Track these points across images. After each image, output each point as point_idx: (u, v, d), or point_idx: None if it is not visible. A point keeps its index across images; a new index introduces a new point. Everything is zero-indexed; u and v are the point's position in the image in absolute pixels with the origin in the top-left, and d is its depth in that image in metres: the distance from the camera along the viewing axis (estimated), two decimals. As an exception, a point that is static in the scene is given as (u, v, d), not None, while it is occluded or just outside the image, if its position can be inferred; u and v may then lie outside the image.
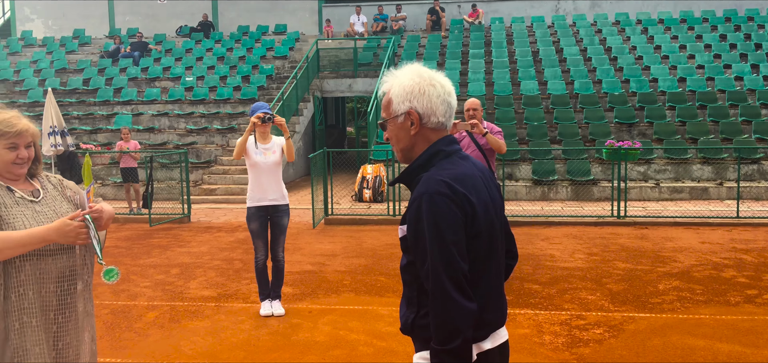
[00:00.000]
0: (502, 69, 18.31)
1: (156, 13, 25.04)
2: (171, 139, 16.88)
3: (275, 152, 5.93)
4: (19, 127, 2.60)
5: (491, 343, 2.07)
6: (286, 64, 20.76)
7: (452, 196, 1.94)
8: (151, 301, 6.65)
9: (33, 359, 2.52)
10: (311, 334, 5.60)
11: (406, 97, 2.09)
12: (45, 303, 2.56)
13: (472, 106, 6.87)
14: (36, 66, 21.52)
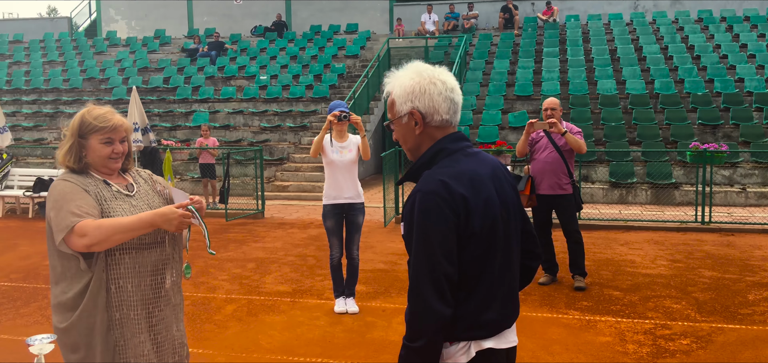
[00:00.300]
0: (578, 68, 17.84)
1: (232, 14, 25.70)
2: (245, 137, 17.26)
3: (351, 150, 5.94)
4: (114, 122, 2.66)
5: (495, 343, 2.05)
6: (357, 62, 20.89)
7: (445, 196, 1.93)
8: (229, 295, 6.80)
9: (133, 350, 2.58)
10: (385, 333, 5.59)
11: (408, 98, 2.07)
12: (143, 296, 2.62)
13: (551, 105, 6.70)
14: (120, 65, 22.43)
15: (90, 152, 2.64)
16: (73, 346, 2.56)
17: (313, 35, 23.35)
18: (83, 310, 2.53)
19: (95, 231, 2.41)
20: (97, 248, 2.44)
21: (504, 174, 2.17)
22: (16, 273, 7.85)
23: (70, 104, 19.96)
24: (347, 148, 5.96)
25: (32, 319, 6.08)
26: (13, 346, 5.35)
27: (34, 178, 12.72)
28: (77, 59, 23.41)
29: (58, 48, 24.79)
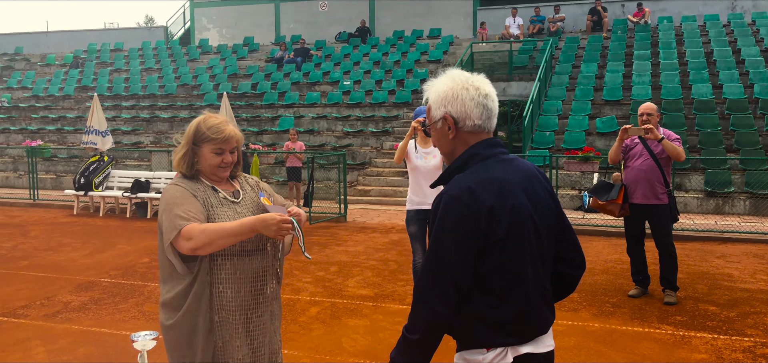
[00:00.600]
0: (671, 71, 17.11)
1: (318, 20, 26.24)
2: (329, 141, 17.56)
3: (436, 156, 5.93)
4: (226, 133, 2.72)
5: (533, 348, 2.06)
6: (439, 68, 20.84)
7: (468, 202, 1.97)
8: (312, 297, 6.92)
9: (231, 353, 2.67)
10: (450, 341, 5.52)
11: (442, 103, 2.12)
12: (242, 301, 2.69)
13: (647, 111, 6.45)
14: (211, 71, 23.34)
15: (201, 160, 2.74)
16: (176, 343, 2.67)
17: (396, 40, 23.50)
18: (187, 310, 2.63)
19: (200, 235, 2.49)
20: (202, 252, 2.52)
21: (539, 181, 2.17)
22: (115, 270, 8.29)
23: (165, 109, 20.92)
24: (431, 153, 5.95)
25: (130, 314, 6.39)
26: (113, 339, 5.65)
27: (132, 180, 13.41)
28: (172, 66, 24.53)
29: (154, 56, 26.07)
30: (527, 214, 2.05)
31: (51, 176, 17.76)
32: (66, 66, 26.40)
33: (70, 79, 24.37)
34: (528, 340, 2.06)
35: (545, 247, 2.13)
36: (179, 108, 20.79)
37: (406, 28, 24.49)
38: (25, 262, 8.78)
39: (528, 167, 2.17)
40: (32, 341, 5.59)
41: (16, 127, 21.06)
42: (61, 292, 7.18)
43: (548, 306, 2.15)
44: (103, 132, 13.67)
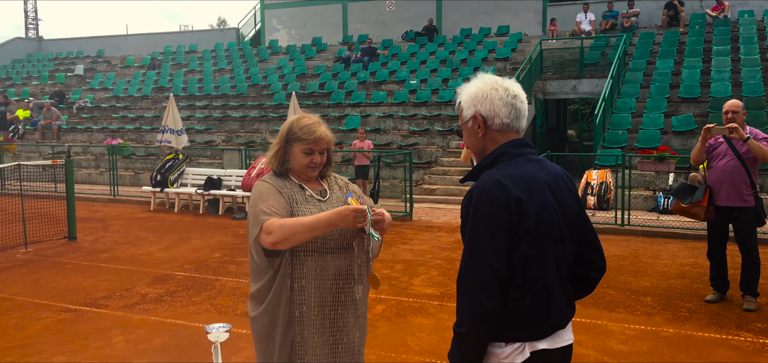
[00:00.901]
0: (753, 67, 16.30)
1: (385, 20, 26.35)
2: (395, 140, 17.60)
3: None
4: (317, 135, 2.75)
5: (549, 343, 2.11)
6: (507, 65, 20.57)
7: (499, 195, 2.02)
8: (378, 294, 6.96)
9: (310, 349, 2.70)
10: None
11: (472, 103, 2.22)
12: (323, 298, 2.70)
13: (732, 108, 6.16)
14: (280, 72, 23.81)
15: (292, 158, 2.78)
16: (258, 335, 2.75)
17: (463, 38, 23.33)
18: (269, 304, 2.70)
19: (279, 229, 2.52)
20: (282, 246, 2.56)
21: (565, 182, 2.24)
22: (189, 264, 8.57)
23: (236, 109, 21.47)
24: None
25: (203, 307, 6.60)
26: (187, 331, 5.85)
27: (205, 177, 13.83)
28: (243, 67, 25.16)
29: (226, 57, 26.80)
30: (554, 212, 2.12)
31: (130, 173, 18.52)
32: (144, 68, 27.48)
33: (147, 80, 25.36)
34: (545, 336, 2.11)
35: (567, 247, 2.19)
36: (249, 107, 21.29)
37: (473, 26, 24.28)
38: (106, 254, 9.20)
39: (555, 168, 2.24)
40: (112, 330, 5.84)
41: (97, 127, 22.07)
42: (138, 284, 7.49)
43: (568, 302, 2.20)
44: (179, 131, 14.15)
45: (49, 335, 5.72)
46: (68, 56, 31.36)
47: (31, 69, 30.25)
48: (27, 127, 22.50)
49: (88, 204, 14.66)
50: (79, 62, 29.88)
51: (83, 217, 12.09)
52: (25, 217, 9.90)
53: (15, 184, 15.44)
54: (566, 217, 2.17)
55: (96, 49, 31.54)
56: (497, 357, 2.09)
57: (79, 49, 32.15)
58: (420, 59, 22.12)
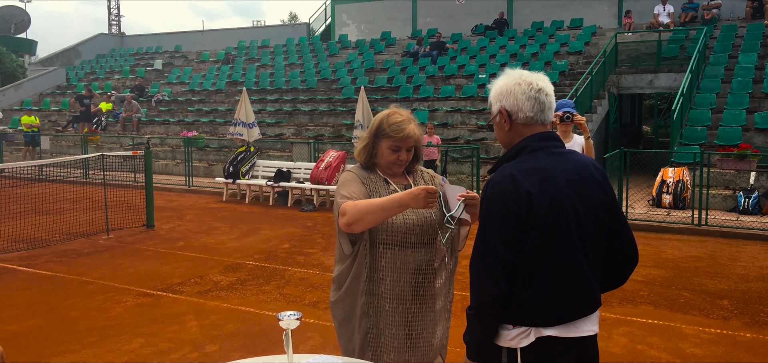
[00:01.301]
0: None
1: (454, 14, 26.19)
2: (462, 135, 17.49)
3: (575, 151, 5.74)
4: (405, 133, 2.73)
5: (559, 331, 2.15)
6: (580, 59, 20.09)
7: (511, 188, 2.11)
8: (444, 289, 6.95)
9: (385, 340, 2.71)
10: (605, 344, 5.32)
11: (498, 98, 2.29)
12: (401, 292, 2.69)
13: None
14: (349, 66, 24.04)
15: (379, 154, 2.78)
16: (337, 319, 2.82)
17: (534, 32, 22.92)
18: (346, 290, 2.75)
19: (351, 209, 2.53)
20: (355, 227, 2.55)
21: (593, 175, 2.26)
22: (259, 254, 8.80)
23: (306, 103, 21.83)
24: (571, 148, 5.76)
25: (272, 296, 6.77)
26: (258, 318, 6.02)
27: (275, 170, 14.14)
28: (313, 61, 25.54)
29: (297, 51, 27.28)
30: (568, 204, 2.16)
31: (203, 164, 19.13)
32: (218, 62, 28.31)
33: (221, 75, 26.11)
34: (554, 324, 2.16)
35: (589, 238, 2.21)
36: (319, 101, 21.61)
37: (545, 20, 23.81)
38: (182, 243, 9.55)
39: (581, 161, 2.28)
40: (187, 315, 6.08)
41: (174, 119, 22.89)
42: (211, 272, 7.75)
43: (587, 294, 2.22)
44: (250, 124, 14.52)
45: (129, 318, 6.01)
46: (148, 51, 32.68)
47: (114, 64, 31.68)
48: (109, 119, 23.57)
49: (164, 194, 15.24)
50: (157, 57, 31.08)
51: (160, 206, 12.59)
52: (108, 205, 10.39)
53: (98, 174, 16.24)
54: (588, 210, 2.21)
55: (174, 45, 32.73)
56: (505, 338, 2.19)
57: (158, 44, 33.44)
58: (489, 53, 21.88)
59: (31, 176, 17.35)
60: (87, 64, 32.85)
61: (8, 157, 21.66)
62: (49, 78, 30.31)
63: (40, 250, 8.95)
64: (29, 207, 12.11)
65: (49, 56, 34.58)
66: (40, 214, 11.63)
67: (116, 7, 41.69)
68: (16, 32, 43.44)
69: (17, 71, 33.43)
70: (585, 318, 2.22)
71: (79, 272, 7.72)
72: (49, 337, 5.49)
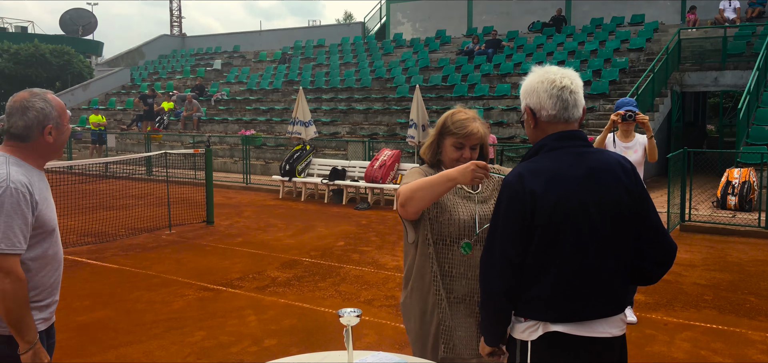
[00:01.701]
0: None
1: (511, 11, 25.90)
2: (518, 134, 17.28)
3: (637, 151, 5.61)
4: (469, 130, 2.74)
5: (569, 329, 2.17)
6: (641, 56, 19.57)
7: (517, 187, 2.17)
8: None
9: (457, 333, 2.72)
10: (668, 349, 5.19)
11: (524, 96, 2.34)
12: (470, 285, 2.71)
13: None
14: (404, 65, 24.07)
15: (443, 152, 2.80)
16: (407, 316, 2.85)
17: (593, 29, 22.46)
18: (413, 287, 2.78)
19: (404, 190, 2.57)
20: (408, 208, 2.58)
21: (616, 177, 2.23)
22: (314, 251, 8.92)
23: (361, 101, 21.98)
24: (632, 148, 5.64)
25: (328, 293, 6.86)
26: (314, 314, 6.11)
27: (330, 168, 14.30)
28: (368, 60, 25.69)
29: (352, 50, 27.48)
30: (578, 205, 2.16)
31: (260, 162, 19.49)
32: (275, 62, 28.80)
33: (278, 74, 26.54)
34: (563, 321, 2.18)
35: (605, 239, 2.19)
36: (373, 100, 21.72)
37: (605, 16, 23.29)
38: (240, 239, 9.77)
39: (603, 161, 2.25)
40: (246, 310, 6.22)
41: (232, 118, 23.40)
42: (269, 268, 7.90)
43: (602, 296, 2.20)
44: (308, 122, 14.72)
45: (190, 311, 6.19)
46: (208, 52, 33.49)
47: (176, 64, 32.60)
48: (171, 118, 24.28)
49: (223, 191, 15.61)
50: (217, 57, 31.82)
51: (219, 202, 12.89)
52: (170, 202, 10.72)
53: (160, 171, 16.75)
54: (604, 210, 2.19)
55: (232, 45, 33.45)
56: (518, 330, 2.26)
57: (218, 45, 34.24)
58: (547, 51, 21.55)
59: (97, 173, 18.04)
60: (150, 64, 33.91)
61: (76, 154, 22.58)
62: (115, 78, 31.44)
63: (107, 244, 9.31)
64: (96, 202, 12.60)
65: (114, 57, 35.88)
66: (106, 209, 12.09)
67: (178, 8, 42.89)
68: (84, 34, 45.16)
69: (84, 72, 34.77)
70: (602, 320, 2.21)
71: (143, 266, 8.00)
72: (116, 328, 5.71)
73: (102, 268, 7.95)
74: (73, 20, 44.91)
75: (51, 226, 2.64)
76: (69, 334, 5.49)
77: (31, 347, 2.50)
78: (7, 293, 2.41)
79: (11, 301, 2.42)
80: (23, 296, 2.46)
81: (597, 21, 23.01)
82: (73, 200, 12.19)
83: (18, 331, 2.47)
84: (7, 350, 2.55)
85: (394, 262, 8.21)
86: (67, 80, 33.05)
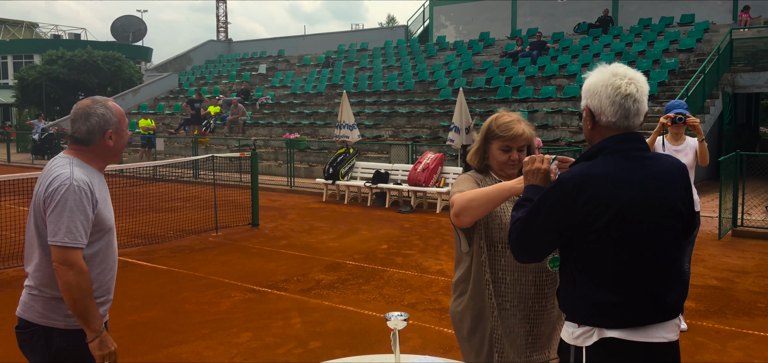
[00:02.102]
0: None
1: (556, 12, 25.58)
2: (563, 136, 17.05)
3: (687, 155, 5.49)
4: (514, 132, 2.75)
5: (625, 335, 2.13)
6: (691, 57, 19.09)
7: (571, 189, 2.13)
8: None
9: (508, 338, 2.71)
10: (719, 357, 5.05)
11: (586, 96, 2.26)
12: (522, 291, 2.70)
13: None
14: (447, 67, 24.00)
15: (490, 156, 2.81)
16: (457, 323, 2.84)
17: (641, 29, 22.01)
18: (469, 294, 2.77)
19: (458, 199, 2.57)
20: (463, 218, 2.58)
21: (674, 186, 2.22)
22: (358, 254, 8.97)
23: (403, 105, 22.00)
24: (683, 151, 5.52)
25: (371, 296, 6.89)
26: (358, 317, 6.14)
27: (373, 171, 14.35)
28: (411, 63, 25.70)
29: (395, 54, 27.54)
30: (637, 210, 2.13)
31: (304, 166, 19.69)
32: (319, 66, 29.06)
33: (322, 78, 26.78)
34: (619, 327, 2.14)
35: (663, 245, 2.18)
36: (416, 103, 21.71)
37: (653, 16, 22.81)
38: (284, 241, 9.89)
39: (664, 167, 2.23)
40: (291, 312, 6.30)
41: (277, 122, 23.70)
42: (313, 271, 7.98)
43: (658, 301, 2.18)
44: (351, 125, 14.81)
45: (237, 312, 6.30)
46: (253, 56, 34.02)
47: (222, 69, 33.21)
48: (217, 122, 24.74)
49: (267, 193, 15.82)
50: (262, 62, 32.29)
51: (263, 205, 13.07)
52: (217, 204, 10.93)
53: (207, 174, 17.07)
54: (663, 217, 2.17)
55: (277, 50, 33.90)
56: (571, 336, 2.23)
57: (263, 49, 34.75)
58: (593, 52, 21.21)
59: (147, 176, 18.50)
60: (197, 69, 34.63)
61: (126, 157, 23.20)
62: (163, 83, 32.20)
63: (156, 246, 9.54)
64: (146, 205, 12.93)
65: (163, 63, 36.75)
66: (155, 211, 12.38)
67: (224, 13, 43.71)
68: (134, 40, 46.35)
69: (134, 77, 35.72)
70: (657, 324, 2.19)
71: (191, 267, 8.17)
72: (166, 328, 5.85)
73: (152, 269, 8.15)
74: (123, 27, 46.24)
75: (108, 225, 2.80)
76: (121, 333, 5.64)
77: (98, 335, 2.64)
78: (72, 284, 2.57)
79: (76, 292, 2.58)
80: (87, 287, 2.60)
81: (645, 21, 22.55)
82: (124, 202, 12.53)
83: (84, 321, 2.62)
84: (62, 343, 2.69)
85: (438, 266, 8.19)
86: (118, 85, 34.03)
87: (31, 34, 55.55)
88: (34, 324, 2.69)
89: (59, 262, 2.58)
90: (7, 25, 63.58)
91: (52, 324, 2.68)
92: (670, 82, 17.84)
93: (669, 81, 17.88)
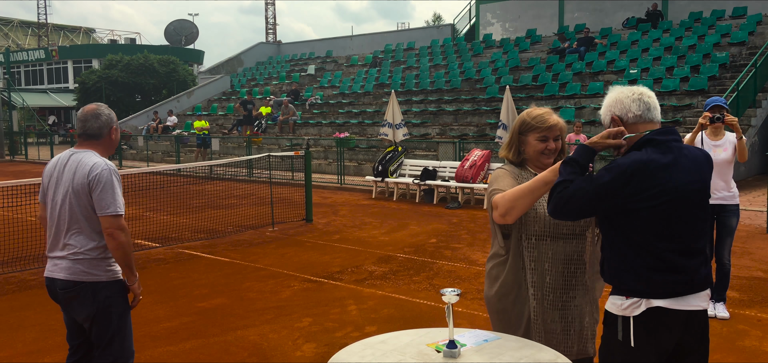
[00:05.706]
0: None
1: (603, 7, 25.42)
2: (612, 132, 17.02)
3: (726, 150, 5.66)
4: (550, 122, 2.96)
5: (669, 303, 2.45)
6: (743, 50, 18.80)
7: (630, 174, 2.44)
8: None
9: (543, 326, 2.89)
10: (759, 344, 5.23)
11: (608, 111, 2.67)
12: (555, 281, 2.87)
13: None
14: (494, 65, 24.14)
15: (527, 147, 2.99)
16: (493, 312, 3.03)
17: (691, 23, 21.75)
18: (503, 282, 2.95)
19: (501, 200, 2.74)
20: (509, 217, 2.73)
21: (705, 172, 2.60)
22: (408, 247, 9.34)
23: (450, 103, 22.26)
24: (722, 146, 5.70)
25: (422, 286, 7.25)
26: (409, 305, 6.51)
27: (421, 168, 14.69)
28: (457, 62, 25.92)
29: (442, 52, 27.79)
30: (683, 192, 2.49)
31: (353, 164, 20.15)
32: (366, 66, 29.54)
33: (369, 77, 27.24)
34: (664, 296, 2.46)
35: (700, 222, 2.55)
36: (463, 101, 21.94)
37: (704, 10, 22.49)
38: (337, 236, 10.33)
39: (695, 154, 2.60)
40: (347, 300, 6.71)
41: (326, 121, 24.26)
42: (366, 263, 8.38)
43: (698, 273, 2.52)
44: (399, 124, 15.19)
45: (297, 300, 6.75)
46: (302, 58, 34.76)
47: (272, 70, 34.04)
48: (268, 122, 25.46)
49: (318, 191, 16.32)
50: (310, 63, 32.97)
51: (316, 202, 13.56)
52: (272, 201, 11.45)
53: (260, 173, 17.71)
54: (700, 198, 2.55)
55: (325, 51, 34.54)
56: (619, 307, 2.52)
57: (311, 50, 35.44)
58: (641, 47, 21.06)
59: (203, 175, 19.26)
60: (248, 71, 35.56)
61: (183, 157, 24.10)
62: (216, 85, 33.20)
63: (217, 240, 10.11)
64: (204, 202, 13.57)
65: (215, 65, 37.82)
66: (214, 208, 13.01)
67: (272, 16, 44.66)
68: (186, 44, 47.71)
69: (188, 79, 36.90)
70: (695, 294, 2.53)
71: (251, 259, 8.68)
72: (232, 313, 6.33)
73: (215, 261, 8.69)
74: (176, 31, 47.66)
75: None
76: (193, 317, 6.15)
77: (136, 279, 3.49)
78: (125, 243, 3.36)
79: (128, 247, 3.38)
80: (131, 243, 3.44)
81: (696, 15, 22.26)
82: (184, 200, 13.20)
83: (130, 269, 3.43)
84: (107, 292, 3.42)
85: (485, 258, 8.48)
86: (173, 87, 35.25)
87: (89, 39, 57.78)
88: (80, 282, 3.36)
89: (114, 227, 3.30)
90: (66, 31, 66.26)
91: (96, 279, 3.37)
92: (721, 76, 17.63)
93: (720, 75, 17.67)
